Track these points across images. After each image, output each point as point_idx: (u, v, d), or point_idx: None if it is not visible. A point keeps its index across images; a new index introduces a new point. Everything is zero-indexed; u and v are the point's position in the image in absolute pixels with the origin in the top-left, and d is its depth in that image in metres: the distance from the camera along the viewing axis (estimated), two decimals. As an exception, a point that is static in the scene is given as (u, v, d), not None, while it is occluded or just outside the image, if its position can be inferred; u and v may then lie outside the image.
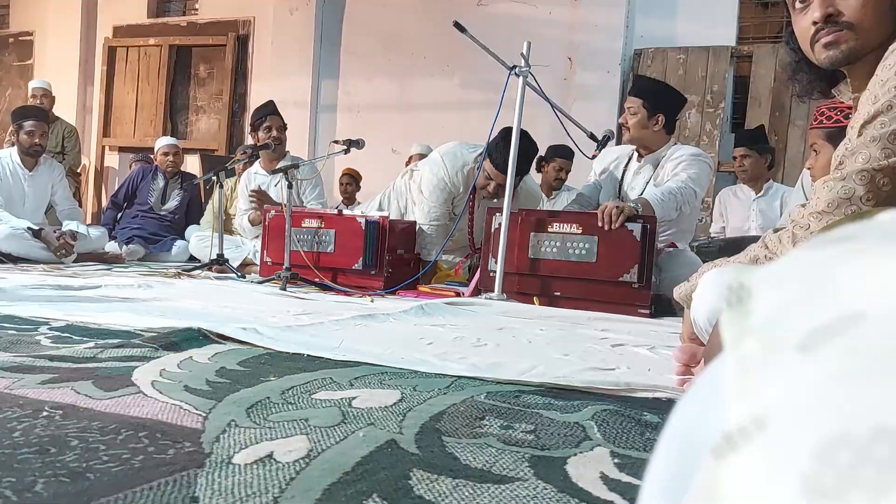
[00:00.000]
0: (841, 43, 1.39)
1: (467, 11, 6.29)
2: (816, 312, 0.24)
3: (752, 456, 0.22)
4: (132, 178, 5.39)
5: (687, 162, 3.15)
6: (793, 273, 0.27)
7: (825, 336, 0.23)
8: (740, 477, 0.22)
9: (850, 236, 0.27)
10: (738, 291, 0.27)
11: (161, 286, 2.98)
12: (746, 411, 0.23)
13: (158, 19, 8.23)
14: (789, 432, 0.22)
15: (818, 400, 0.22)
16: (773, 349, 0.24)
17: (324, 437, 0.90)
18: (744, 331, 0.26)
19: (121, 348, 1.40)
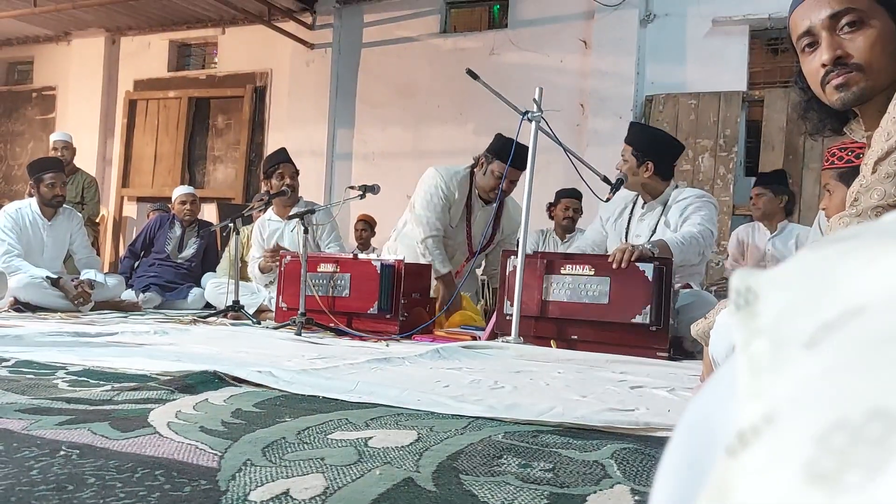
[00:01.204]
0: (851, 84, 1.40)
1: (480, 60, 6.41)
2: (821, 310, 0.25)
3: (760, 450, 0.22)
4: (150, 226, 5.46)
5: (696, 204, 3.17)
6: (797, 274, 0.27)
7: (829, 332, 0.23)
8: (750, 472, 0.22)
9: (851, 236, 0.28)
10: (746, 294, 0.27)
11: (177, 332, 2.99)
12: (758, 410, 0.23)
13: (178, 73, 8.44)
14: (794, 425, 0.22)
15: (820, 391, 0.22)
16: (781, 348, 0.25)
17: (340, 475, 0.89)
18: (753, 332, 0.26)
19: (137, 391, 1.41)
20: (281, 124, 7.65)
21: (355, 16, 7.45)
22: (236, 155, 7.97)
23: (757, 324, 0.26)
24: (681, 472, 0.29)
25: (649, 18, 6.27)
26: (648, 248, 2.84)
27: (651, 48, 6.27)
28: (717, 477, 0.23)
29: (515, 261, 2.99)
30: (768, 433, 0.22)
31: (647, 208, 3.35)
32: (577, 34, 6.52)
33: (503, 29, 6.86)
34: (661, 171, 3.28)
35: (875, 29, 1.38)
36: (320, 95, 7.41)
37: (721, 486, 0.22)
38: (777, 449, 0.22)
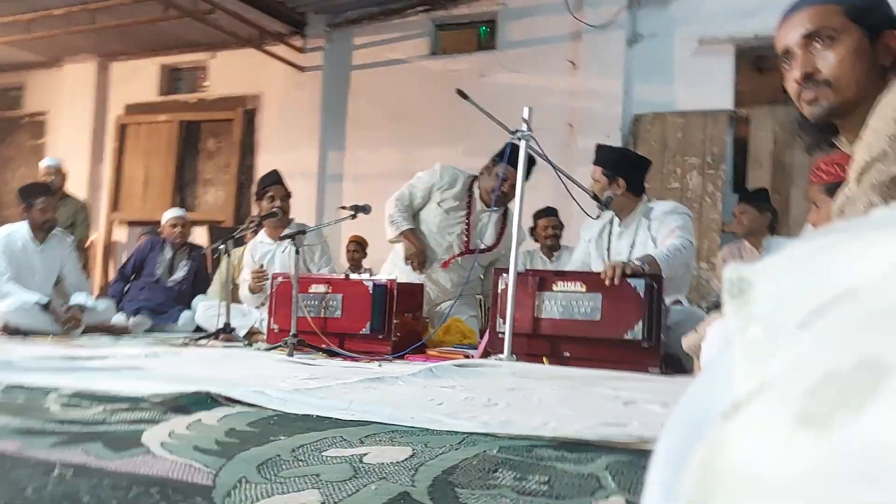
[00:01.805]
0: (821, 100, 1.45)
1: (469, 82, 6.46)
2: (813, 295, 0.26)
3: (753, 410, 0.23)
4: (140, 250, 5.44)
5: (672, 217, 3.25)
6: (788, 263, 0.28)
7: (822, 313, 0.25)
8: (745, 429, 0.23)
9: (841, 229, 0.29)
10: (739, 284, 0.28)
11: (168, 355, 2.98)
12: (753, 382, 0.24)
13: (169, 97, 8.47)
14: (786, 385, 0.23)
15: (811, 356, 0.23)
16: (776, 333, 0.26)
17: (336, 490, 0.89)
18: (748, 319, 0.27)
19: (129, 412, 1.40)
20: (271, 147, 7.67)
21: (345, 39, 7.51)
22: (227, 178, 7.98)
23: (751, 311, 0.27)
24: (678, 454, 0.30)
25: (636, 39, 6.35)
26: (638, 265, 2.86)
27: (638, 68, 6.34)
28: (711, 438, 0.24)
29: (507, 279, 3.00)
30: (762, 396, 0.23)
31: (623, 226, 3.43)
32: (564, 55, 6.59)
33: (492, 51, 6.93)
34: (632, 187, 3.38)
35: (846, 46, 1.43)
36: (311, 118, 7.44)
37: (715, 443, 0.23)
38: (770, 406, 0.23)
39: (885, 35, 1.46)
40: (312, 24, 7.50)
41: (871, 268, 0.25)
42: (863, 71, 1.43)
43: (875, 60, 1.45)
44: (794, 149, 5.70)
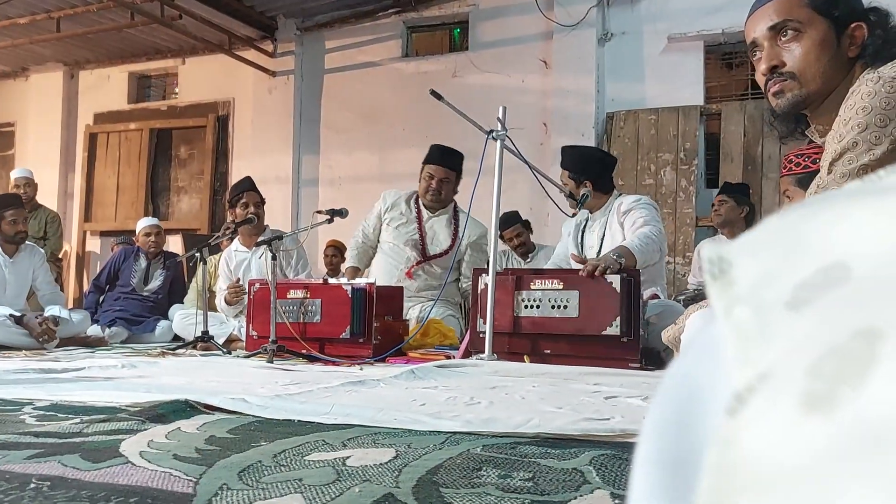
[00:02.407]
0: (786, 92, 1.47)
1: (443, 83, 6.46)
2: (796, 269, 0.26)
3: (759, 403, 0.23)
4: (114, 260, 5.36)
5: (636, 209, 3.30)
6: (767, 238, 0.28)
7: (810, 291, 0.24)
8: (752, 422, 0.23)
9: (816, 201, 0.29)
10: (720, 264, 0.28)
11: (145, 365, 2.94)
12: (752, 372, 0.24)
13: (139, 104, 8.37)
14: (786, 370, 0.23)
15: (808, 335, 0.23)
16: (764, 313, 0.25)
17: (319, 494, 0.88)
18: (732, 299, 0.27)
19: (107, 422, 1.38)
20: (245, 153, 7.61)
21: (316, 42, 7.47)
22: (200, 185, 7.90)
23: (735, 291, 0.27)
24: (666, 429, 0.30)
25: (607, 37, 6.39)
26: (614, 259, 2.87)
27: (610, 66, 6.39)
28: (720, 435, 0.24)
29: (486, 278, 3.00)
30: (764, 385, 0.23)
31: (593, 219, 3.51)
32: (537, 54, 6.61)
33: (464, 51, 6.94)
34: (599, 186, 3.45)
35: (811, 38, 1.45)
36: (284, 122, 7.40)
37: (726, 440, 0.23)
38: (774, 394, 0.23)
39: (850, 26, 1.48)
40: (283, 29, 7.45)
41: (852, 236, 0.25)
42: (828, 62, 1.45)
43: (841, 52, 1.47)
44: (765, 143, 5.77)
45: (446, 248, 4.06)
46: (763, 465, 0.22)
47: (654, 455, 0.30)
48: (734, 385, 0.24)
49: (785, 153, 3.13)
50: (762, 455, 0.22)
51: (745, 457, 0.23)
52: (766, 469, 0.22)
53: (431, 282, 4.04)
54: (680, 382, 0.30)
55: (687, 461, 0.28)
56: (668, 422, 0.30)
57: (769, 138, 5.68)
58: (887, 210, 0.26)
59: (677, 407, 0.30)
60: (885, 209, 0.26)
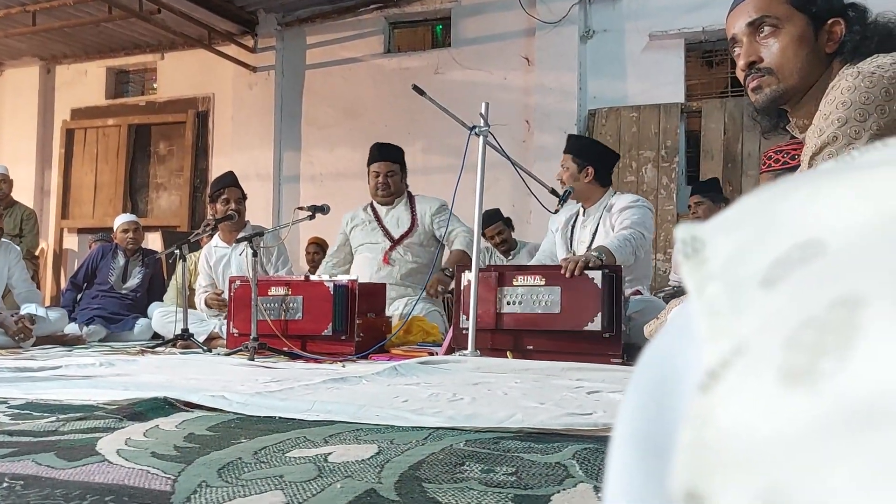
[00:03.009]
0: (764, 87, 1.48)
1: (425, 79, 6.43)
2: (770, 246, 0.25)
3: (734, 377, 0.22)
4: (92, 257, 5.29)
5: (630, 209, 3.31)
6: (740, 216, 0.28)
7: (784, 267, 0.24)
8: (727, 397, 0.22)
9: (789, 180, 0.28)
10: (692, 243, 0.28)
11: (124, 363, 2.90)
12: (725, 346, 0.23)
13: (117, 100, 8.26)
14: (762, 343, 0.22)
15: (783, 310, 0.22)
16: (737, 289, 0.25)
17: (300, 490, 0.87)
18: (705, 277, 0.26)
19: (83, 421, 1.35)
20: (225, 149, 7.54)
21: (298, 38, 7.42)
22: (180, 182, 7.83)
23: (708, 269, 0.27)
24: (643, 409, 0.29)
25: (588, 35, 6.41)
26: (595, 256, 2.88)
27: (592, 63, 6.40)
28: (694, 413, 0.23)
29: (469, 275, 3.00)
30: (738, 360, 0.22)
31: (586, 215, 3.48)
32: (519, 51, 6.61)
33: (447, 48, 6.92)
34: (600, 177, 3.45)
35: (788, 34, 1.46)
36: (265, 118, 7.34)
37: (699, 416, 0.22)
38: (750, 368, 0.22)
39: (828, 22, 1.49)
40: (263, 24, 7.39)
41: (826, 212, 0.25)
42: (805, 58, 1.46)
43: (819, 47, 1.48)
44: (745, 140, 5.81)
45: (408, 228, 4.12)
46: (740, 441, 0.21)
47: (629, 436, 0.29)
48: (706, 361, 0.24)
49: (764, 150, 3.16)
50: (739, 431, 0.21)
51: (720, 433, 0.22)
52: (743, 445, 0.21)
53: (412, 266, 4.04)
54: (655, 363, 0.30)
55: (662, 441, 0.27)
56: (644, 403, 0.29)
57: (749, 135, 5.73)
58: (861, 186, 0.26)
59: (652, 388, 0.29)
60: (859, 185, 0.26)
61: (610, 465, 0.31)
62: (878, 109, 1.29)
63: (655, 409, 0.28)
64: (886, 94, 1.29)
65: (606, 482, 0.31)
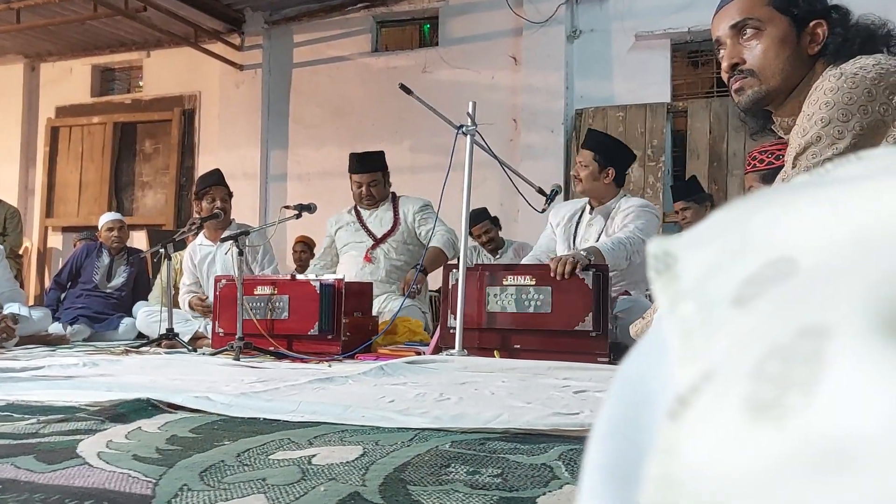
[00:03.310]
0: (746, 88, 1.50)
1: (412, 78, 6.42)
2: (742, 264, 0.25)
3: (702, 406, 0.22)
4: (76, 256, 5.25)
5: (635, 213, 3.24)
6: (712, 232, 0.27)
7: (757, 286, 0.23)
8: (695, 429, 0.21)
9: (762, 195, 0.28)
10: (665, 259, 0.27)
11: (108, 363, 2.87)
12: (695, 371, 0.23)
13: (102, 98, 8.20)
14: (729, 371, 0.22)
15: (751, 333, 0.22)
16: (709, 308, 0.24)
17: (283, 494, 0.86)
18: (677, 294, 0.26)
19: (64, 422, 1.34)
20: (211, 147, 7.50)
21: (285, 36, 7.39)
22: (166, 180, 7.77)
23: (680, 286, 0.26)
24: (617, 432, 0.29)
25: (575, 34, 6.42)
26: (584, 256, 2.88)
27: (578, 63, 6.42)
28: (663, 441, 0.22)
29: (457, 274, 2.99)
30: (707, 387, 0.22)
31: (595, 214, 3.41)
32: (506, 51, 6.62)
33: (434, 47, 6.92)
34: (618, 178, 3.39)
35: (771, 36, 1.47)
36: (251, 117, 7.31)
37: (668, 448, 0.22)
38: (717, 398, 0.21)
39: (811, 24, 1.50)
40: (250, 22, 7.36)
41: (798, 229, 0.24)
42: (787, 59, 1.48)
43: (801, 49, 1.49)
44: (730, 140, 5.84)
45: (389, 228, 4.13)
46: (705, 480, 0.20)
47: (601, 459, 0.29)
48: (677, 386, 0.23)
49: (750, 150, 3.17)
50: (704, 467, 0.21)
51: (687, 468, 0.21)
52: (708, 484, 0.20)
53: (395, 265, 4.06)
54: (628, 383, 0.29)
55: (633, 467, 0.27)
56: (617, 425, 0.29)
57: (734, 135, 5.76)
58: (834, 202, 0.25)
59: (625, 409, 0.28)
60: (832, 201, 0.25)
61: (582, 489, 0.30)
62: (861, 110, 1.30)
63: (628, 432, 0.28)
64: (869, 95, 1.30)
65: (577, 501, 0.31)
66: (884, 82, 1.31)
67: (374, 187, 4.13)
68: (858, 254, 0.22)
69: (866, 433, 0.18)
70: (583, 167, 3.35)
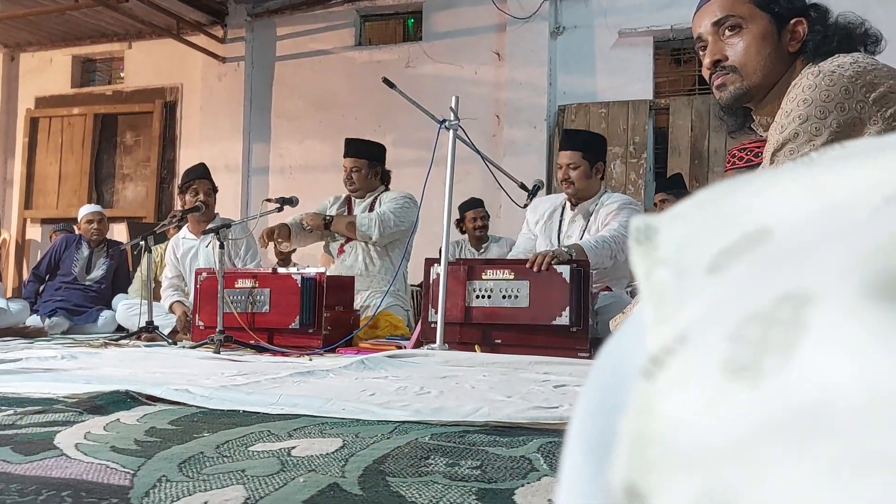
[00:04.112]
0: (728, 85, 1.51)
1: (396, 73, 6.42)
2: (720, 236, 0.25)
3: (678, 367, 0.22)
4: (55, 248, 5.19)
5: (619, 211, 3.25)
6: (694, 207, 0.28)
7: (733, 255, 0.24)
8: (671, 388, 0.22)
9: (746, 175, 0.29)
10: (645, 231, 0.28)
11: (86, 356, 2.85)
12: (669, 333, 0.23)
13: (83, 89, 8.11)
14: (707, 335, 0.22)
15: (729, 301, 0.22)
16: (684, 275, 0.25)
17: (262, 485, 0.86)
18: (654, 262, 0.26)
19: (42, 414, 1.33)
20: (193, 140, 7.44)
21: (268, 29, 7.34)
22: (147, 172, 7.71)
23: (657, 255, 0.27)
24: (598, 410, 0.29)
25: (559, 31, 6.43)
26: (566, 252, 2.89)
27: (562, 59, 6.43)
28: (636, 401, 0.23)
29: (438, 268, 2.99)
30: (683, 350, 0.22)
31: (577, 210, 3.40)
32: (490, 46, 6.62)
33: (418, 41, 6.90)
34: (603, 173, 3.43)
35: (752, 33, 1.49)
36: (234, 109, 7.26)
37: (642, 406, 0.22)
38: (694, 359, 0.22)
39: (791, 22, 1.52)
40: (233, 14, 7.30)
41: (775, 203, 0.25)
42: (768, 56, 1.49)
43: (782, 47, 1.51)
44: (711, 137, 5.89)
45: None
46: (681, 437, 0.21)
47: (582, 437, 0.29)
48: (650, 347, 0.23)
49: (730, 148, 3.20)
50: (680, 425, 0.21)
51: (662, 426, 0.21)
52: (684, 442, 0.21)
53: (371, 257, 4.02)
54: (611, 358, 0.30)
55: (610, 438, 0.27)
56: (598, 402, 0.29)
57: (716, 133, 5.80)
58: (812, 178, 0.26)
59: (606, 387, 0.29)
60: (810, 178, 0.26)
61: (563, 462, 0.31)
62: (838, 107, 1.32)
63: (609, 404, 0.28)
64: (846, 93, 1.32)
65: (559, 479, 0.31)
66: (861, 80, 1.33)
67: (355, 173, 4.09)
68: (837, 225, 0.23)
69: (844, 395, 0.18)
70: (572, 168, 3.32)
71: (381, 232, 3.85)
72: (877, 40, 1.51)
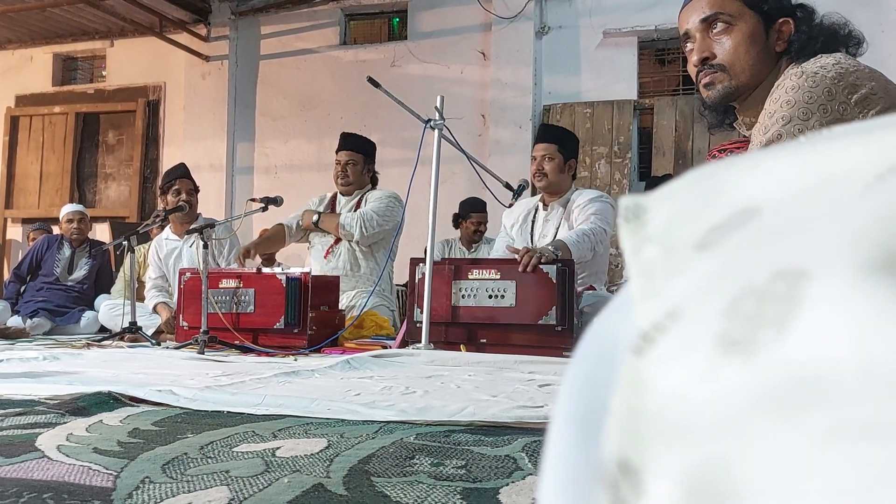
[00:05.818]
0: (716, 83, 1.52)
1: (381, 72, 6.40)
2: (709, 214, 0.25)
3: (670, 343, 0.22)
4: (36, 248, 5.14)
5: (592, 204, 3.31)
6: (683, 186, 0.28)
7: (723, 232, 0.24)
8: (663, 363, 0.22)
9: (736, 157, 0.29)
10: (634, 209, 0.28)
11: (69, 357, 2.82)
12: (658, 309, 0.23)
13: (64, 87, 8.03)
14: (699, 310, 0.22)
15: (721, 277, 0.22)
16: (673, 251, 0.25)
17: (246, 486, 0.85)
18: (642, 240, 0.26)
19: (23, 416, 1.31)
20: (176, 139, 7.39)
21: (252, 27, 7.31)
22: (129, 172, 7.64)
23: (645, 232, 0.27)
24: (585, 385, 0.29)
25: (544, 31, 6.45)
26: (551, 250, 2.90)
27: (547, 59, 6.45)
28: (627, 376, 0.23)
29: (424, 268, 2.99)
30: (674, 326, 0.22)
31: (550, 209, 3.44)
32: (475, 46, 6.63)
33: (403, 41, 6.89)
34: (575, 170, 3.47)
35: (741, 31, 1.49)
36: (218, 108, 7.22)
37: (633, 382, 0.22)
38: (686, 334, 0.22)
39: (778, 21, 1.53)
40: (217, 12, 7.26)
41: (764, 181, 0.25)
42: (756, 56, 1.50)
43: (769, 46, 1.52)
44: (695, 137, 5.93)
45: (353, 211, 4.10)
46: (675, 410, 0.21)
47: (570, 411, 0.29)
48: (639, 323, 0.24)
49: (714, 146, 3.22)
50: (674, 399, 0.21)
51: (654, 400, 0.21)
52: (678, 414, 0.21)
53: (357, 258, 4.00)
54: (597, 335, 0.30)
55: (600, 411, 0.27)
56: (585, 377, 0.29)
57: (699, 133, 5.84)
58: (800, 157, 0.26)
59: (593, 362, 0.29)
60: (799, 157, 0.26)
61: (549, 440, 0.30)
62: (821, 109, 1.33)
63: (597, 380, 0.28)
64: (828, 94, 1.33)
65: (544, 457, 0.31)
66: (843, 82, 1.34)
67: (351, 167, 4.06)
68: (830, 203, 0.23)
69: (840, 365, 0.19)
70: (548, 160, 3.37)
71: (364, 231, 3.85)
72: (859, 42, 1.53)
